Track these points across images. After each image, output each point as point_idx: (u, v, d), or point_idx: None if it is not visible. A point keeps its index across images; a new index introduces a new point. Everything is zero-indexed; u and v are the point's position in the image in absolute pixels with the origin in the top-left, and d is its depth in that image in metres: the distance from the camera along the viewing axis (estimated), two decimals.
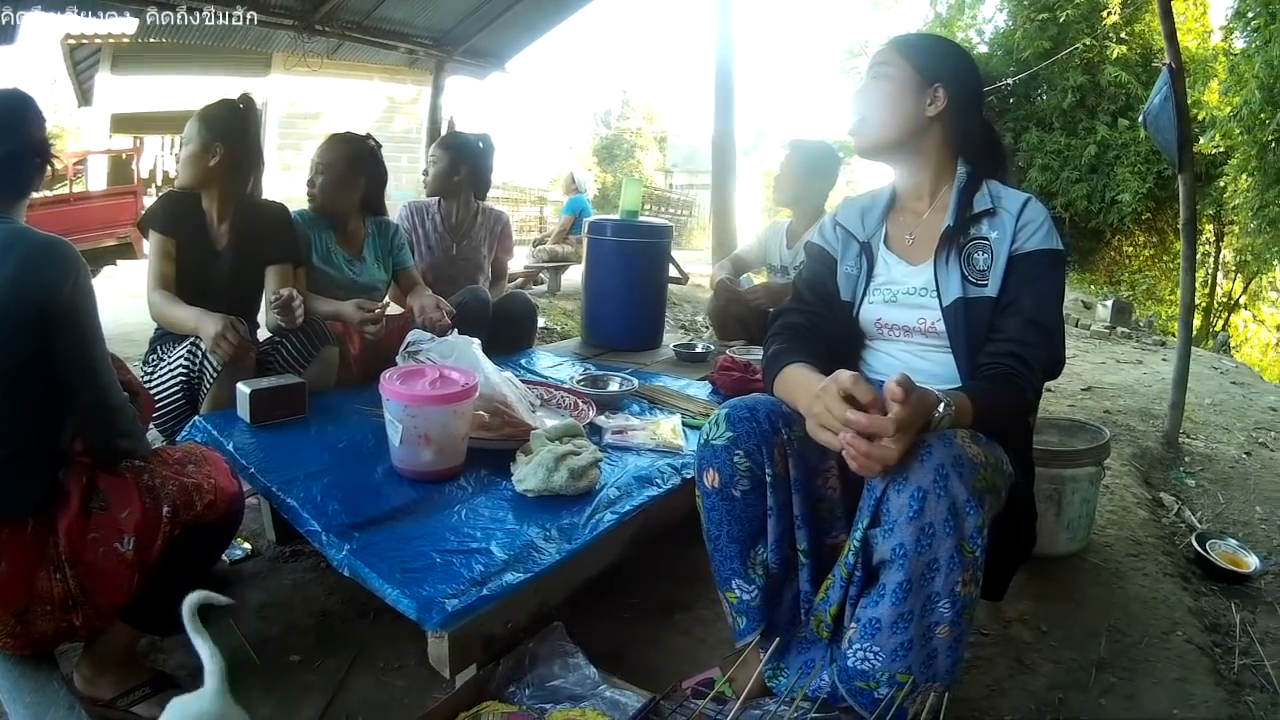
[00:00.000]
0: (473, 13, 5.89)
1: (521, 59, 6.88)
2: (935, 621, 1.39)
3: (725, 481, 1.60)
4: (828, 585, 1.54)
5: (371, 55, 6.38)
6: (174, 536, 1.63)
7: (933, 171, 1.79)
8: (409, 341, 2.50)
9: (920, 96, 1.72)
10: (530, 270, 8.36)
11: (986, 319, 1.65)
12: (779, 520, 1.60)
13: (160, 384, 2.54)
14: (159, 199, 2.83)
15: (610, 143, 31.16)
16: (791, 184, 3.69)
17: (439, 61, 6.40)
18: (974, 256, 1.68)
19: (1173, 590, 2.66)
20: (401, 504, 1.96)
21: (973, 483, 1.35)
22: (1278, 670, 2.34)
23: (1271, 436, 5.13)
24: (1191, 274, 4.39)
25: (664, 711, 1.54)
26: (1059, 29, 14.76)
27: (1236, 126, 9.86)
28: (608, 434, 2.49)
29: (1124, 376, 6.65)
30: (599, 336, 3.94)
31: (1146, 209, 14.69)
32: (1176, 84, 4.05)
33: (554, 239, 8.76)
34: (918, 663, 1.40)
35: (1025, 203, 1.69)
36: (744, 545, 1.63)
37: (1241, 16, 9.70)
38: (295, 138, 13.37)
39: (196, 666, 1.84)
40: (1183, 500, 3.66)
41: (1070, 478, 2.72)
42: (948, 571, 1.36)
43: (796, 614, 1.65)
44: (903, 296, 1.78)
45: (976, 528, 1.35)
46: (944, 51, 1.78)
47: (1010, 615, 2.39)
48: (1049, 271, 1.65)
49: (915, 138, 1.75)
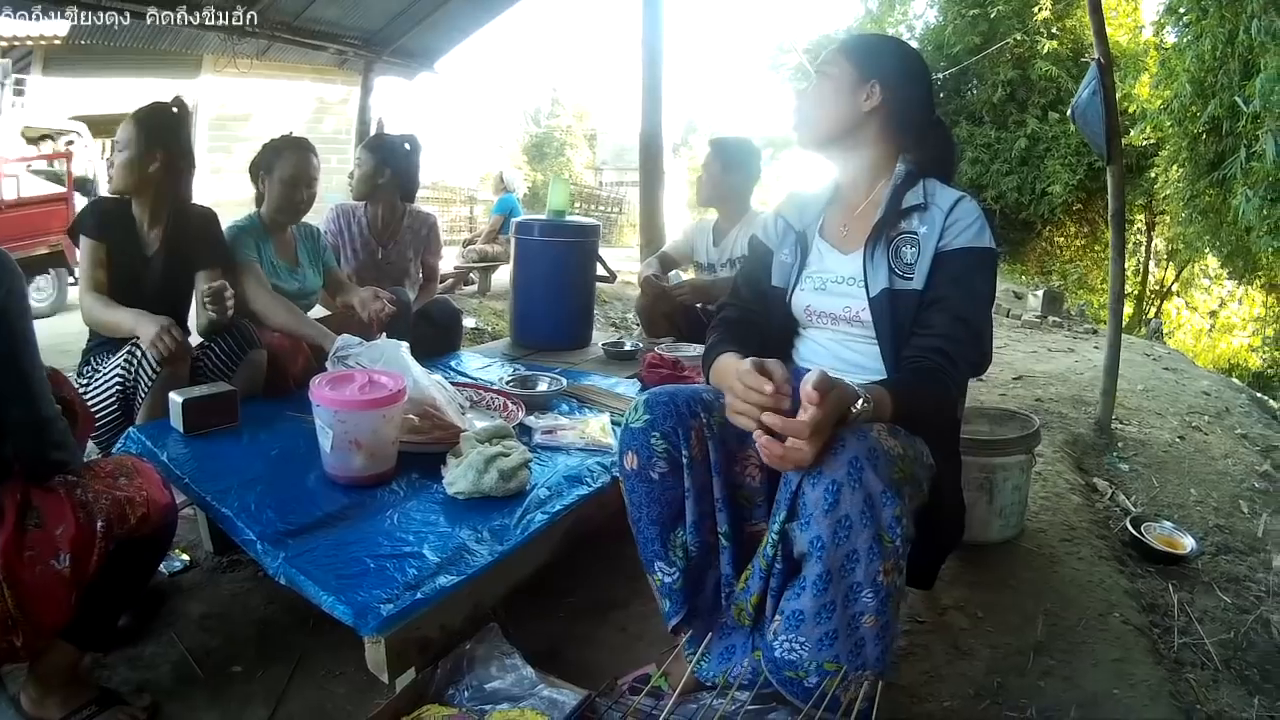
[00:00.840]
0: (402, 13, 5.89)
1: (451, 59, 6.91)
2: (860, 611, 1.40)
3: (643, 463, 1.62)
4: (747, 575, 1.56)
5: (301, 56, 6.31)
6: (109, 552, 1.61)
7: (869, 166, 1.81)
8: (338, 346, 2.49)
9: (856, 93, 1.75)
10: (460, 271, 8.35)
11: (911, 312, 1.67)
12: (697, 503, 1.62)
13: (96, 395, 2.49)
14: (88, 205, 2.77)
15: (540, 141, 30.99)
16: (711, 183, 3.72)
17: (368, 62, 6.39)
18: (902, 250, 1.70)
19: (1108, 573, 2.71)
20: (334, 510, 1.95)
21: (890, 475, 1.37)
22: (1218, 648, 2.40)
23: (1205, 420, 5.25)
24: (1121, 262, 4.48)
25: (600, 709, 1.55)
26: (990, 24, 14.99)
27: (1167, 119, 10.05)
28: (537, 434, 2.49)
29: (1055, 365, 6.76)
30: (528, 336, 3.93)
31: (1077, 200, 15.00)
32: (1105, 78, 4.13)
33: (484, 239, 8.78)
34: (845, 652, 1.42)
35: (957, 201, 1.70)
36: (664, 527, 1.65)
37: (1173, 12, 9.88)
38: (225, 140, 13.12)
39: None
40: (1116, 485, 3.72)
41: (1001, 466, 2.76)
42: (868, 561, 1.37)
43: (719, 599, 1.67)
44: (831, 285, 1.81)
45: (894, 517, 1.37)
46: (884, 50, 1.82)
47: (946, 603, 2.43)
48: (978, 270, 1.67)
49: (851, 132, 1.78)
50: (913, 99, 1.79)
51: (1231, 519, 3.51)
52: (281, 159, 3.04)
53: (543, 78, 77.26)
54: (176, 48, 5.72)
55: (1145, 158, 12.58)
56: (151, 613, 2.12)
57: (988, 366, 1.78)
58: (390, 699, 1.59)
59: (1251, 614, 2.62)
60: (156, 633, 2.04)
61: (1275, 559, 3.05)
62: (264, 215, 3.09)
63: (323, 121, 14.35)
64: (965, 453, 2.55)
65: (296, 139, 3.13)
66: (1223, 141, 8.78)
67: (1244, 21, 7.35)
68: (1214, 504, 3.65)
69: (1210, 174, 9.14)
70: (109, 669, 1.92)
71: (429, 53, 6.74)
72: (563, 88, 34.65)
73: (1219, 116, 8.53)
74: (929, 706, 1.99)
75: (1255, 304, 14.61)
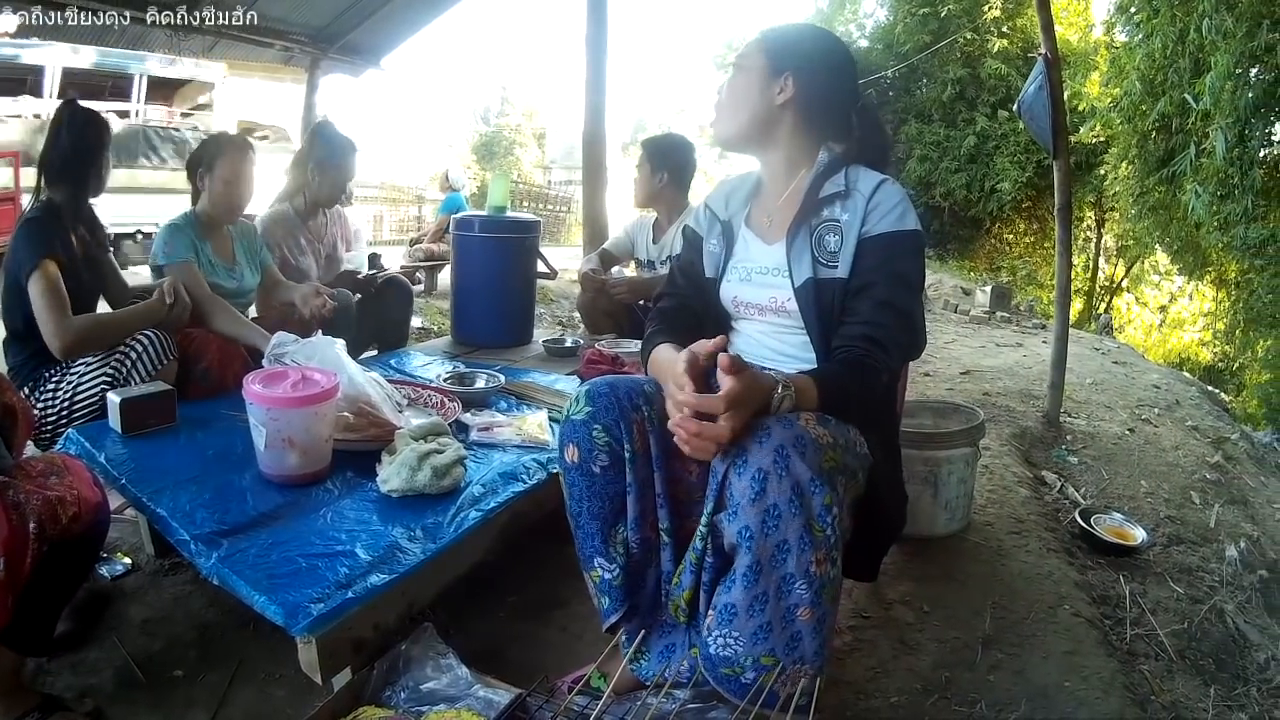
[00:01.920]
0: (348, 9, 5.85)
1: (398, 56, 6.91)
2: (794, 604, 1.39)
3: (584, 457, 1.60)
4: (681, 570, 1.55)
5: (248, 53, 6.26)
6: (44, 553, 1.57)
7: (788, 157, 1.79)
8: (274, 344, 2.46)
9: (769, 87, 1.73)
10: (407, 270, 8.31)
11: (837, 300, 1.65)
12: (639, 498, 1.61)
13: (73, 400, 2.50)
14: (24, 225, 2.56)
15: (489, 140, 30.88)
16: (643, 183, 3.70)
17: (314, 59, 6.35)
18: (825, 238, 1.68)
19: (1058, 565, 2.73)
20: (268, 509, 1.92)
21: (818, 462, 1.35)
22: (1172, 638, 2.42)
23: (1155, 413, 5.32)
24: (1067, 257, 4.53)
25: (531, 707, 1.54)
26: (940, 23, 15.15)
27: (1117, 116, 10.17)
28: (473, 431, 2.48)
29: (1003, 359, 6.81)
30: (469, 334, 3.92)
31: (1026, 197, 15.16)
32: (1052, 73, 4.17)
33: (430, 238, 8.85)
34: (780, 645, 1.40)
35: (878, 185, 1.68)
36: (605, 523, 1.64)
37: (1124, 11, 9.99)
38: None
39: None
40: (1065, 478, 3.76)
41: (946, 459, 2.78)
42: (799, 552, 1.36)
43: (659, 597, 1.66)
44: (756, 276, 1.80)
45: (824, 506, 1.36)
46: (798, 39, 1.79)
47: (891, 597, 2.43)
48: (902, 253, 1.64)
49: (766, 127, 1.76)
50: (832, 88, 1.77)
51: (1183, 510, 3.56)
52: (223, 157, 3.00)
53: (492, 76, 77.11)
54: (124, 44, 5.66)
55: (1095, 155, 12.74)
56: (94, 617, 2.10)
57: (922, 349, 1.76)
58: (327, 701, 1.57)
59: (1205, 604, 2.65)
60: (99, 637, 2.02)
61: (1228, 549, 3.09)
62: (200, 213, 3.05)
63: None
64: (909, 446, 2.58)
65: (236, 136, 3.08)
66: (1172, 139, 8.90)
67: (1195, 20, 7.44)
68: (1165, 495, 3.69)
69: (1160, 170, 9.26)
70: (51, 675, 1.89)
71: (376, 49, 6.74)
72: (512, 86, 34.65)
73: (1169, 114, 8.64)
74: (875, 702, 1.98)
75: (1205, 299, 14.77)
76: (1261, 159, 7.45)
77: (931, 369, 5.98)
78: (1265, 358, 8.77)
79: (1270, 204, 7.71)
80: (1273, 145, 7.41)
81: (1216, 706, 2.15)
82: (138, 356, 2.53)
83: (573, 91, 52.51)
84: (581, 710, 1.47)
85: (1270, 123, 7.38)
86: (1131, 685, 2.13)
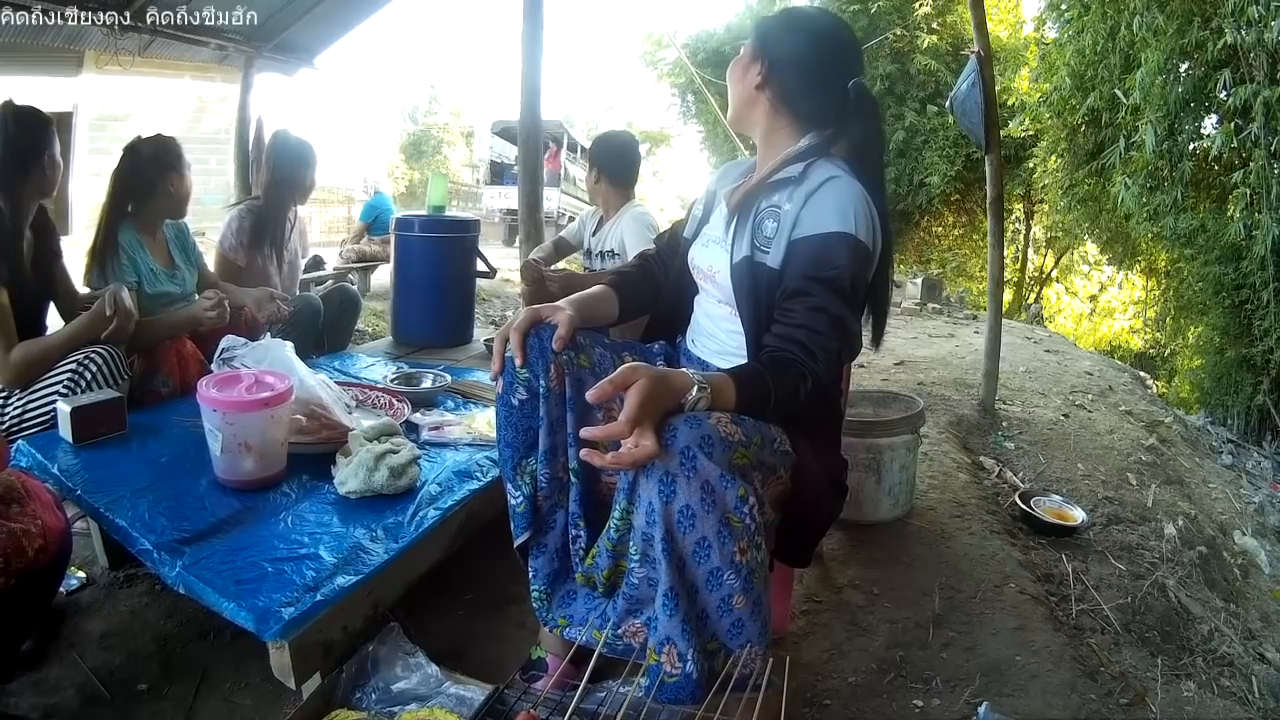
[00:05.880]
0: (283, 7, 5.81)
1: (331, 55, 6.86)
2: (728, 594, 1.39)
3: (508, 389, 1.63)
4: (595, 554, 1.56)
5: (182, 53, 6.17)
6: (9, 587, 1.54)
7: (767, 139, 1.80)
8: (223, 348, 2.45)
9: (749, 71, 1.76)
10: (340, 271, 8.27)
11: (769, 288, 1.64)
12: (549, 433, 1.62)
13: (28, 415, 2.44)
14: None
15: (418, 139, 30.66)
16: (588, 180, 3.73)
17: (248, 58, 6.29)
18: (764, 223, 1.68)
19: (1001, 546, 2.81)
20: (228, 515, 1.91)
21: (728, 460, 1.35)
22: (1117, 613, 2.51)
23: (1089, 399, 5.48)
24: (1000, 249, 4.66)
25: (509, 700, 1.56)
26: (870, 19, 15.11)
27: (1046, 111, 10.32)
28: (424, 431, 2.49)
29: (936, 350, 6.94)
30: (409, 334, 3.93)
31: (955, 191, 15.22)
32: (985, 70, 4.27)
33: (351, 239, 9.04)
34: (723, 631, 1.41)
35: (825, 181, 1.63)
36: (517, 452, 1.65)
37: (1055, 8, 10.18)
38: (106, 141, 12.59)
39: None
40: (1003, 463, 3.86)
41: (887, 446, 2.85)
42: (720, 545, 1.36)
43: (567, 542, 1.67)
44: (711, 242, 1.83)
45: (739, 498, 1.35)
46: (777, 24, 1.81)
47: (841, 581, 2.49)
48: (834, 254, 1.58)
49: (749, 109, 1.79)
50: (811, 73, 1.74)
51: (1120, 491, 3.68)
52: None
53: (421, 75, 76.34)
54: (60, 43, 5.57)
55: (1023, 149, 12.88)
56: (52, 634, 2.04)
57: (856, 354, 1.75)
58: (299, 706, 1.57)
59: (1147, 580, 2.75)
60: (58, 654, 1.97)
61: (1167, 527, 3.21)
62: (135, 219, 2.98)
63: (202, 121, 13.91)
64: (851, 434, 2.65)
65: (168, 140, 3.04)
66: (1102, 132, 9.09)
67: (1126, 18, 7.64)
68: (1102, 477, 3.81)
69: (1089, 163, 9.48)
70: (14, 695, 1.85)
71: (309, 48, 6.69)
72: (441, 85, 34.31)
73: (1098, 108, 8.83)
74: (834, 683, 2.03)
75: (1135, 288, 15.06)
76: (1191, 152, 7.67)
77: (866, 360, 6.02)
78: (1196, 344, 9.04)
79: (1199, 195, 7.96)
80: (1202, 139, 7.62)
81: (1165, 675, 2.24)
82: (92, 376, 2.45)
83: (501, 89, 51.92)
84: (560, 701, 1.49)
85: (1200, 117, 7.61)
86: (1080, 658, 2.20)
